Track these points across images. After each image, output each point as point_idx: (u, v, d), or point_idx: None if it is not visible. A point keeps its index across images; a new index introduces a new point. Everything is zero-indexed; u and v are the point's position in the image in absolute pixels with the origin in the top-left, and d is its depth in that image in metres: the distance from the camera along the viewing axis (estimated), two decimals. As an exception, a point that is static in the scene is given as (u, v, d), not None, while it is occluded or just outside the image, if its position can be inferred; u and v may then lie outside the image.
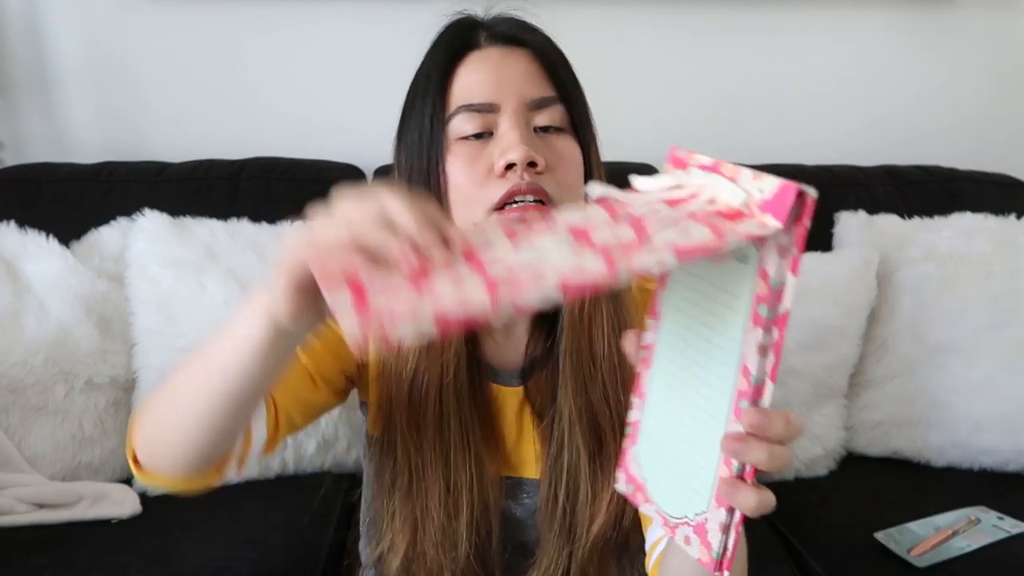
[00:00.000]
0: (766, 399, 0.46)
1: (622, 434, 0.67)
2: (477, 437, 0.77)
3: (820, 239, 1.50)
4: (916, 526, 1.19)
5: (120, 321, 1.28)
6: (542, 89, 0.73)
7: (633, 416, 0.54)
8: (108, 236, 1.33)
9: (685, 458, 0.50)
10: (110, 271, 1.30)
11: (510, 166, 0.70)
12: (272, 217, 1.34)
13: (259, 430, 0.71)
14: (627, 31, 1.64)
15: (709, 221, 0.44)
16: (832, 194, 1.54)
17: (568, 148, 0.73)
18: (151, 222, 1.30)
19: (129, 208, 1.34)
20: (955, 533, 1.17)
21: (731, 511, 0.48)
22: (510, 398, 0.80)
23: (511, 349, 0.80)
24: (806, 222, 0.43)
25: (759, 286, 0.45)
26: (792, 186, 0.43)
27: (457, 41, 0.76)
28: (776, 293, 0.44)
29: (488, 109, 0.72)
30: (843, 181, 1.56)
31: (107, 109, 1.59)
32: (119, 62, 1.57)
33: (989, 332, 1.37)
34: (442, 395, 0.75)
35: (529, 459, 0.80)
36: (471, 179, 0.72)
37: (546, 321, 0.79)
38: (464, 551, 0.76)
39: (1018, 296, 1.39)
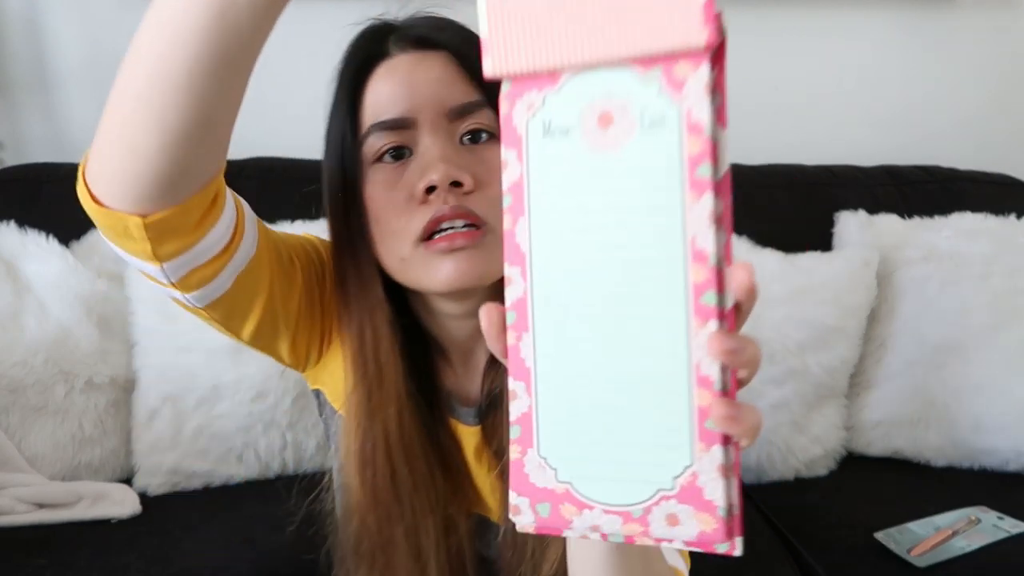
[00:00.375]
0: (730, 288, 0.37)
1: None
2: (440, 491, 0.70)
3: (820, 239, 1.50)
4: (916, 526, 1.19)
5: (120, 321, 1.28)
6: (463, 94, 0.64)
7: (519, 407, 0.40)
8: (108, 236, 1.33)
9: (633, 413, 0.38)
10: (110, 271, 1.30)
11: (431, 189, 0.62)
12: (272, 217, 1.34)
13: (227, 274, 0.60)
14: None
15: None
16: (832, 194, 1.54)
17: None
18: (151, 222, 1.30)
19: (129, 208, 1.34)
20: (955, 533, 1.17)
21: (726, 444, 0.36)
22: (468, 437, 0.73)
23: (470, 382, 0.74)
24: (724, 60, 0.36)
25: (692, 145, 0.35)
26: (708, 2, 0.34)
27: (364, 52, 0.68)
28: (715, 146, 0.35)
29: (403, 125, 0.64)
30: (843, 181, 1.56)
31: (107, 109, 1.58)
32: (119, 62, 1.56)
33: (989, 332, 1.37)
34: (392, 457, 0.67)
35: (492, 503, 0.75)
36: (391, 209, 0.64)
37: None
38: None
39: (1018, 296, 1.38)
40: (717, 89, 0.35)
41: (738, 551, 0.37)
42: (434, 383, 0.73)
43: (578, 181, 0.38)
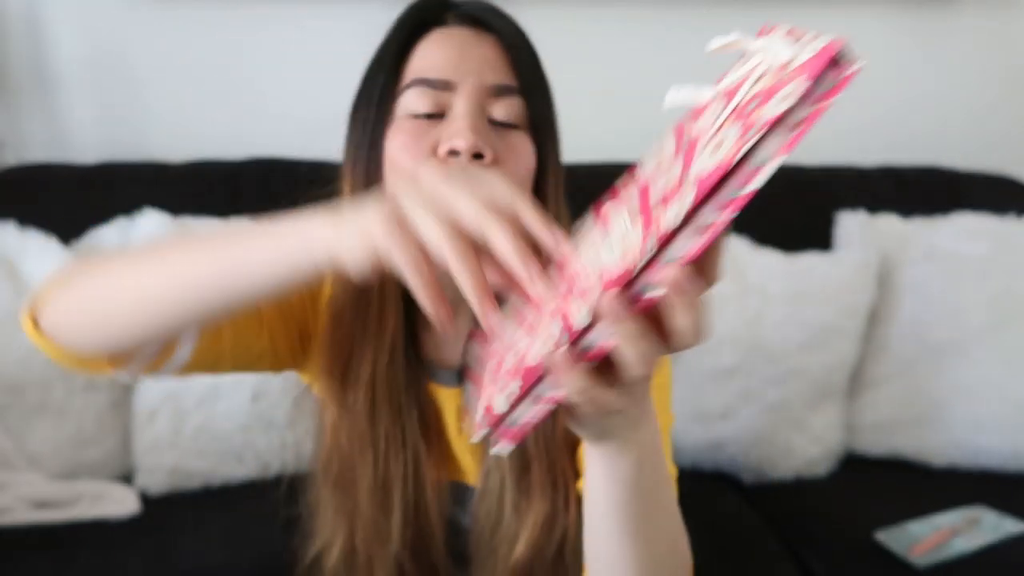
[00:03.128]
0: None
1: (549, 460, 0.66)
2: (414, 433, 0.71)
3: (820, 239, 1.50)
4: (916, 526, 1.19)
5: (120, 321, 1.28)
6: (503, 77, 0.67)
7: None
8: (108, 236, 1.33)
9: None
10: (110, 271, 1.30)
11: (454, 152, 0.63)
12: (272, 217, 1.34)
13: (184, 349, 0.66)
14: (624, 31, 1.64)
15: (744, 114, 0.36)
16: (832, 194, 1.54)
17: (521, 144, 0.67)
18: (151, 222, 1.30)
19: (129, 208, 1.33)
20: (955, 533, 1.17)
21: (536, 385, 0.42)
22: (449, 401, 0.74)
23: (450, 346, 0.73)
24: (832, 99, 0.33)
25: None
26: (832, 47, 0.33)
27: (421, 16, 0.70)
28: (752, 171, 0.35)
29: (443, 87, 0.66)
30: (843, 181, 1.56)
31: (107, 109, 1.58)
32: (119, 61, 1.57)
33: (989, 332, 1.37)
34: (375, 380, 0.69)
35: (470, 465, 0.75)
36: (409, 153, 0.65)
37: None
38: (394, 551, 0.72)
39: (1018, 296, 1.39)
40: (806, 120, 0.34)
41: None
42: (415, 348, 0.73)
43: None
